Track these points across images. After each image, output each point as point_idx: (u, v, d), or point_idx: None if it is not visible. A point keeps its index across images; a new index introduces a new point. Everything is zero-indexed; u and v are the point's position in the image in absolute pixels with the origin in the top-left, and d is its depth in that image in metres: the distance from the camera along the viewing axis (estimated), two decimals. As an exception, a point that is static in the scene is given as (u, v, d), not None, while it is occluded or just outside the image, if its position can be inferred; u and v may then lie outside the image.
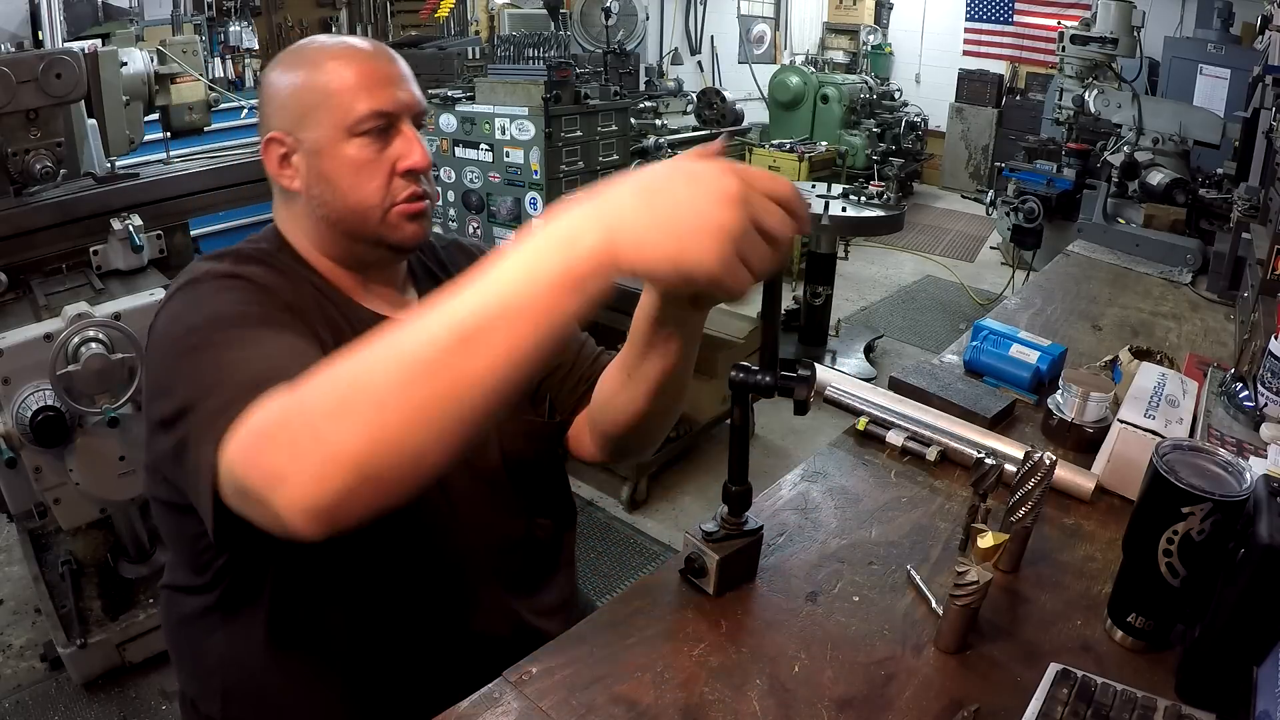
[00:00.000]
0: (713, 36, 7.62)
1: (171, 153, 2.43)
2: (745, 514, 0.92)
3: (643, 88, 5.47)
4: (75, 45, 1.99)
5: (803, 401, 0.79)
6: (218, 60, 4.32)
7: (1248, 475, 0.80)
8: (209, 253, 1.01)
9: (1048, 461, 0.95)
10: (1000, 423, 1.34)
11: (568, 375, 1.07)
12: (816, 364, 0.87)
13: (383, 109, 0.92)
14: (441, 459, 0.59)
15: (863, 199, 4.03)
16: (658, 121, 5.01)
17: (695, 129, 5.56)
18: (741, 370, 0.82)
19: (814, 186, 4.47)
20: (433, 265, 1.11)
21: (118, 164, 2.20)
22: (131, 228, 1.99)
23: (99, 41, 2.16)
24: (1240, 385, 1.31)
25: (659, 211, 0.57)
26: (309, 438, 0.58)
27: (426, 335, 0.57)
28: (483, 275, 0.58)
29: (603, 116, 3.95)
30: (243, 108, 2.93)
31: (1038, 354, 1.45)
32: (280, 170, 0.95)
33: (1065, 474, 1.13)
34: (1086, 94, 3.26)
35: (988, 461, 1.00)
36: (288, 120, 0.93)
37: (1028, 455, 0.97)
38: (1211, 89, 5.00)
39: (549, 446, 1.10)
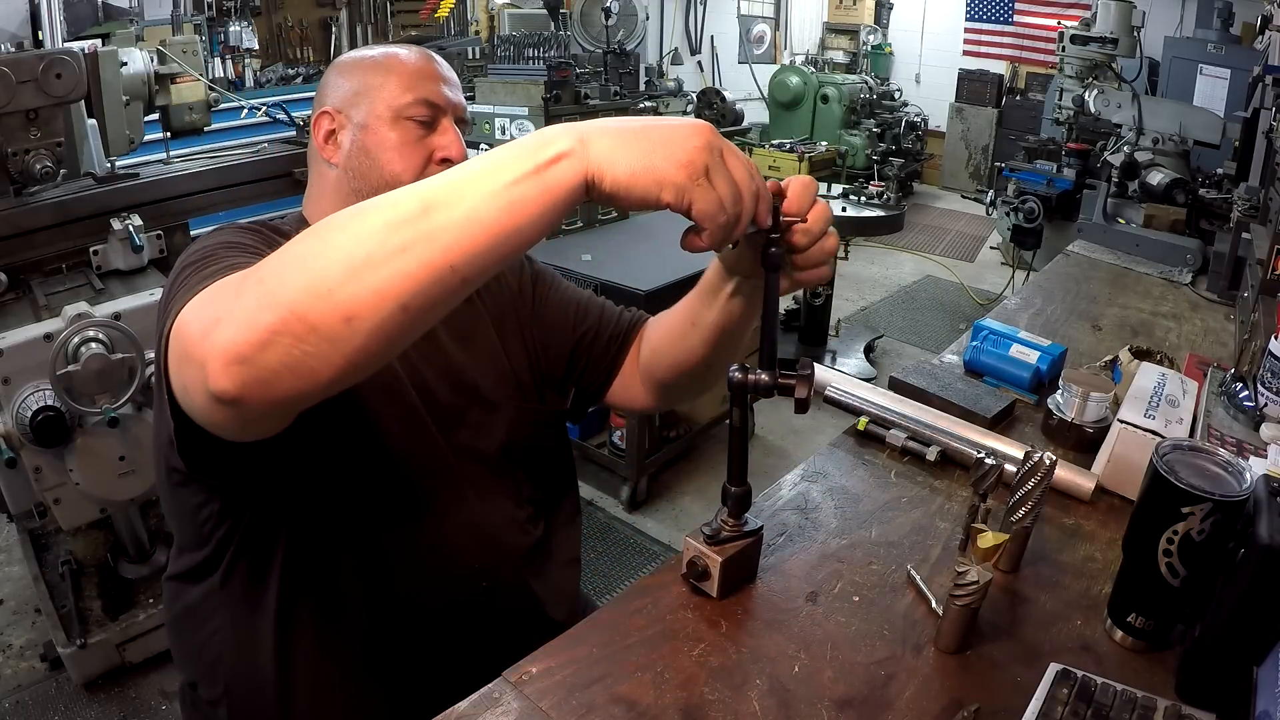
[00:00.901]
0: (713, 36, 7.62)
1: (171, 153, 2.43)
2: (745, 515, 0.92)
3: (643, 88, 5.47)
4: (75, 45, 1.99)
5: (803, 400, 0.79)
6: (218, 60, 4.32)
7: (1248, 475, 0.80)
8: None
9: (1048, 461, 0.95)
10: (1000, 423, 1.34)
11: (595, 339, 1.13)
12: (816, 364, 0.87)
13: (432, 100, 0.99)
14: (374, 333, 0.58)
15: (863, 199, 4.03)
16: (658, 121, 5.00)
17: (695, 129, 5.55)
18: (740, 370, 0.82)
19: (814, 186, 4.47)
20: None
21: (118, 164, 2.20)
22: (131, 228, 1.99)
23: (99, 41, 2.16)
24: (1240, 385, 1.31)
25: (631, 134, 0.64)
26: (254, 281, 0.60)
27: (391, 200, 0.61)
28: (459, 166, 0.64)
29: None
30: (243, 108, 2.93)
31: (1038, 354, 1.45)
32: (324, 144, 1.02)
33: (1065, 474, 1.13)
34: (1086, 94, 3.26)
35: (988, 461, 1.00)
36: (341, 98, 1.01)
37: (1028, 455, 0.97)
38: (1211, 89, 5.00)
39: (554, 434, 1.18)
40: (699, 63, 7.58)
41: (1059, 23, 5.28)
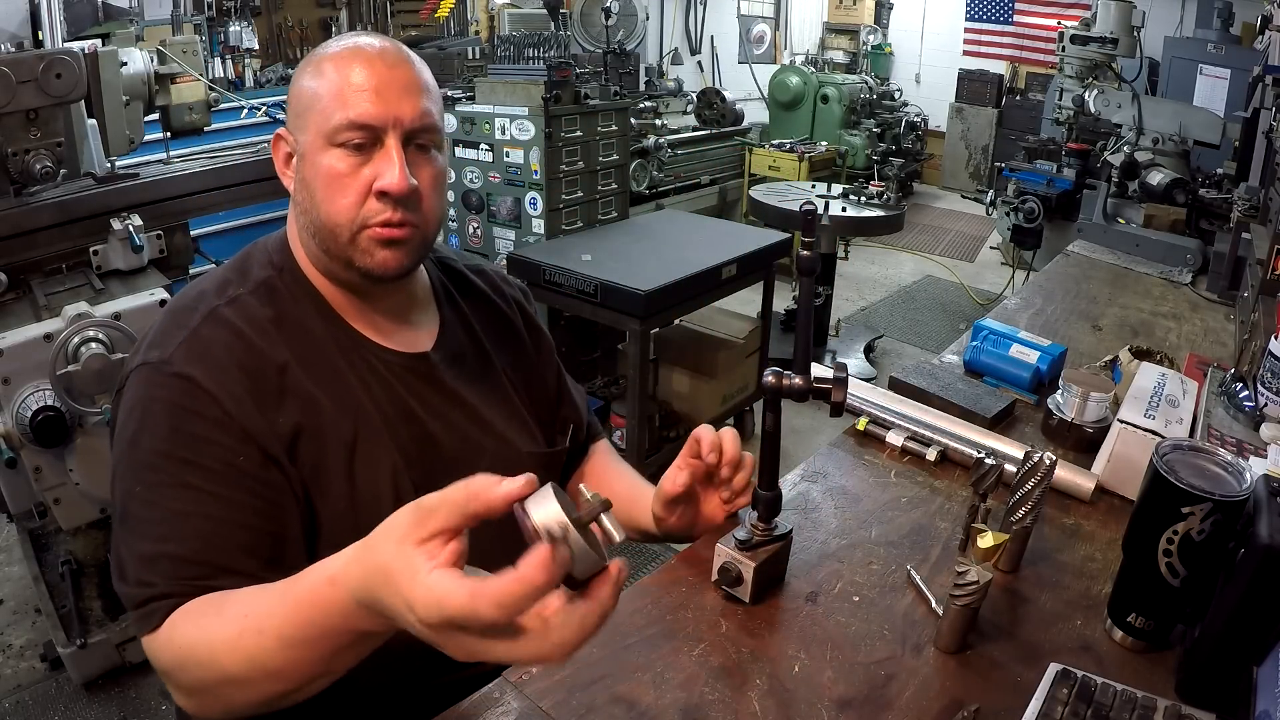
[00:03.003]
0: (713, 36, 7.62)
1: (171, 153, 2.43)
2: (774, 519, 0.92)
3: (643, 88, 5.48)
4: (75, 45, 1.98)
5: (838, 404, 0.79)
6: (218, 60, 4.32)
7: (1248, 475, 0.80)
8: (218, 272, 0.96)
9: (1048, 461, 0.95)
10: (1000, 423, 1.34)
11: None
12: (821, 364, 0.87)
13: (361, 120, 0.84)
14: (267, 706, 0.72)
15: (863, 199, 4.03)
16: (658, 121, 5.01)
17: (695, 129, 5.56)
18: (774, 375, 0.82)
19: (814, 187, 4.48)
20: (453, 288, 1.08)
21: (118, 164, 2.20)
22: (131, 228, 1.99)
23: (99, 41, 2.15)
24: (1240, 385, 1.31)
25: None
26: (182, 689, 0.75)
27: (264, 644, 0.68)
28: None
29: (603, 116, 3.95)
30: (243, 108, 2.93)
31: (1038, 354, 1.45)
32: (284, 169, 0.93)
33: (1065, 474, 1.13)
34: (1086, 94, 3.26)
35: (988, 461, 1.00)
36: (291, 119, 0.91)
37: (1028, 455, 0.97)
38: (1211, 89, 5.00)
39: (556, 474, 1.14)
40: (699, 63, 7.58)
41: (1059, 23, 5.28)
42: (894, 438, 1.26)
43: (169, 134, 2.37)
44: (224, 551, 0.79)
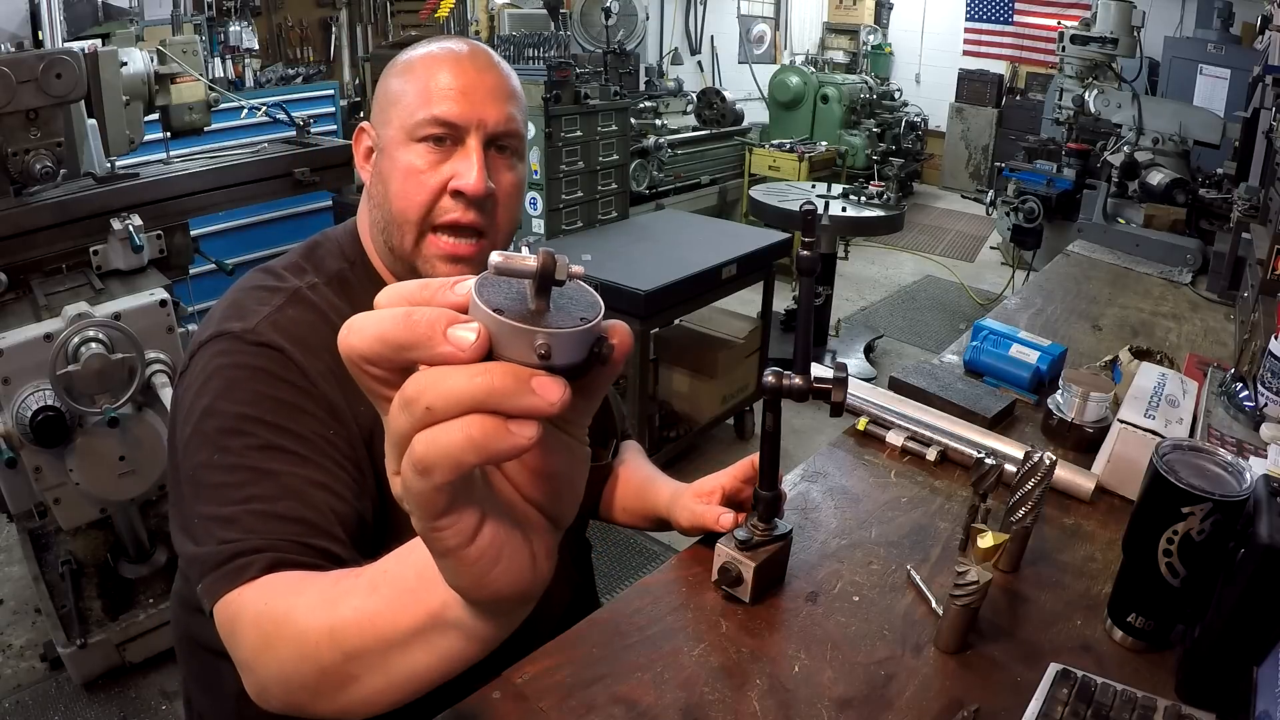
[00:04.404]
0: (713, 36, 7.61)
1: (171, 153, 2.43)
2: (775, 519, 0.92)
3: (643, 88, 5.47)
4: (75, 45, 1.98)
5: (838, 404, 0.79)
6: (218, 60, 4.31)
7: (1248, 475, 0.80)
8: (287, 259, 0.93)
9: (1048, 461, 0.95)
10: (1000, 423, 1.34)
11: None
12: (821, 364, 0.87)
13: (446, 118, 0.84)
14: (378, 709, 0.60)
15: (863, 199, 4.03)
16: (658, 121, 5.01)
17: (695, 129, 5.56)
18: (774, 375, 0.81)
19: (814, 187, 4.48)
20: None
21: (118, 164, 2.20)
22: (131, 228, 1.99)
23: (99, 41, 2.15)
24: (1240, 385, 1.31)
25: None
26: (254, 664, 0.64)
27: (309, 639, 0.59)
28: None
29: (603, 116, 3.96)
30: (243, 108, 2.93)
31: (1038, 354, 1.45)
32: (363, 162, 0.93)
33: (1065, 474, 1.13)
34: (1086, 94, 3.26)
35: (988, 461, 1.00)
36: (375, 114, 0.91)
37: (1028, 455, 0.97)
38: (1211, 89, 5.01)
39: (599, 491, 1.17)
40: (699, 63, 7.57)
41: (1059, 23, 5.28)
42: (894, 438, 1.25)
43: (169, 134, 2.37)
44: (320, 513, 0.73)
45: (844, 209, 3.92)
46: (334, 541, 0.72)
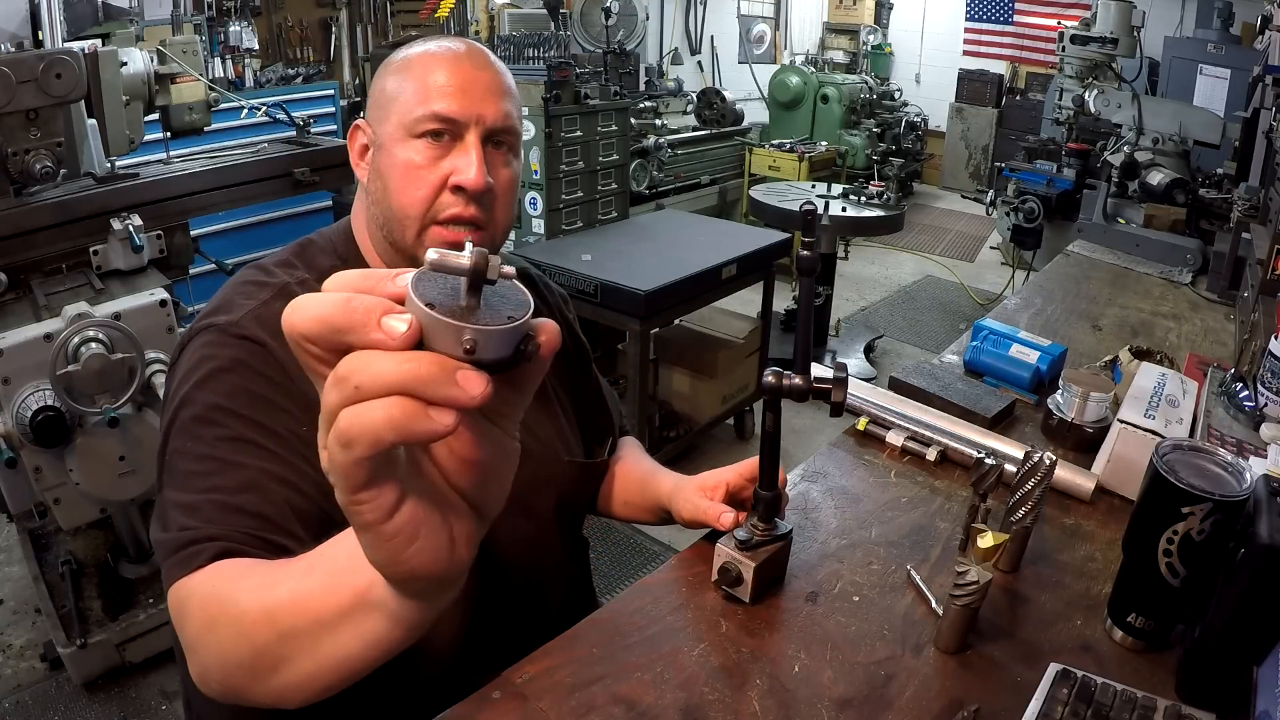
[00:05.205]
0: (713, 36, 7.61)
1: (171, 153, 2.43)
2: (775, 519, 0.92)
3: (643, 88, 5.47)
4: (75, 45, 1.98)
5: (838, 404, 0.79)
6: (218, 60, 4.31)
7: (1248, 475, 0.80)
8: (279, 256, 0.94)
9: (1048, 461, 0.95)
10: (1000, 423, 1.34)
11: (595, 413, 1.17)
12: (821, 364, 0.87)
13: (446, 114, 0.85)
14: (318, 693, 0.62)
15: (863, 199, 4.03)
16: (658, 121, 5.01)
17: (695, 129, 5.56)
18: (774, 375, 0.81)
19: (814, 187, 4.48)
20: None
21: (118, 164, 2.20)
22: (131, 228, 1.99)
23: (99, 41, 2.15)
24: (1240, 385, 1.31)
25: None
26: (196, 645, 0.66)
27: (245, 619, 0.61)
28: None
29: (603, 116, 3.96)
30: (243, 108, 2.93)
31: (1038, 354, 1.45)
32: (358, 160, 0.94)
33: (1065, 474, 1.13)
34: (1086, 94, 3.26)
35: (988, 461, 1.00)
36: (371, 111, 0.92)
37: (1028, 455, 0.97)
38: (1211, 89, 5.01)
39: (595, 487, 1.16)
40: (699, 63, 7.57)
41: (1059, 23, 5.28)
42: (894, 438, 1.25)
43: (169, 134, 2.37)
44: (277, 508, 0.74)
45: (844, 209, 3.92)
46: (288, 537, 0.73)
